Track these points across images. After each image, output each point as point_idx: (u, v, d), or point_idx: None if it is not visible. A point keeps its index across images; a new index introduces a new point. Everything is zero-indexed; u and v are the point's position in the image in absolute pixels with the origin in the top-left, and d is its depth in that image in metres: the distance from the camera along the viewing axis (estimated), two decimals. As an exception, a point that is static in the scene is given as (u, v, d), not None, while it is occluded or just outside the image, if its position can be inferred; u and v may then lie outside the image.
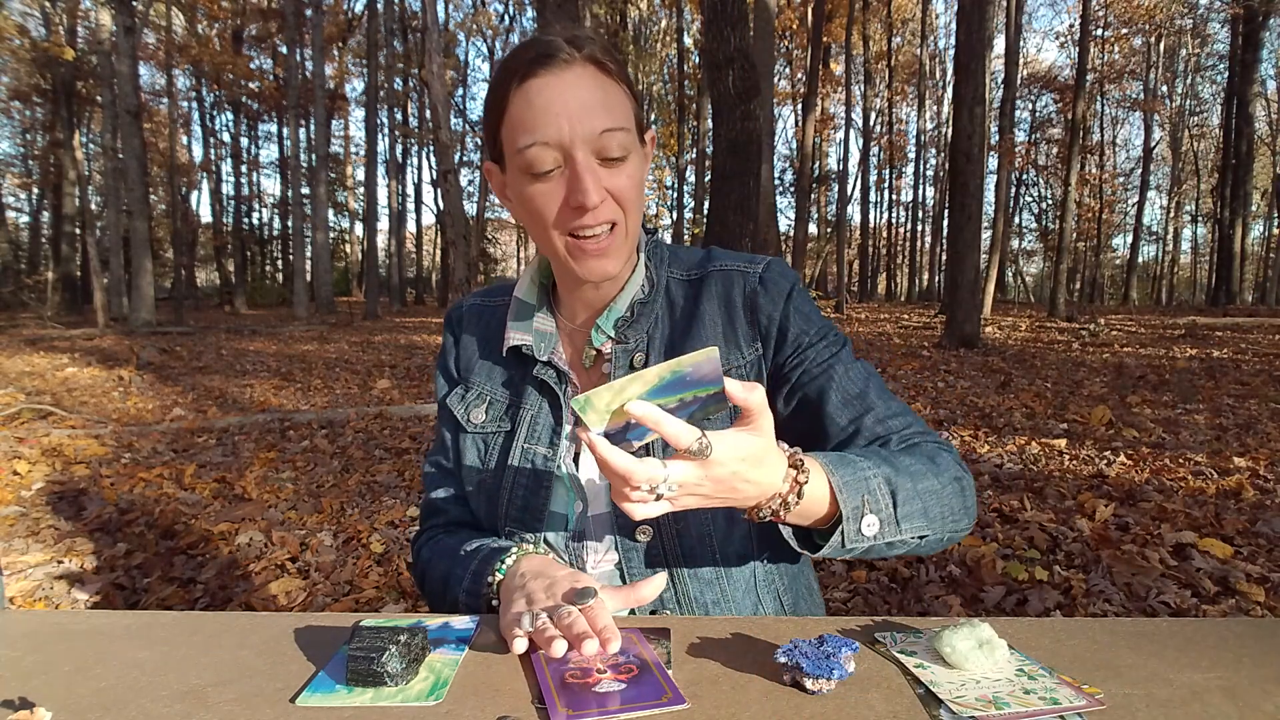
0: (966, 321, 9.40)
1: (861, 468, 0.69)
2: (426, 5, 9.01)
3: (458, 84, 31.45)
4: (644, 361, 0.84)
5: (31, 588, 2.42)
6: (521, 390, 0.88)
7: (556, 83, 0.73)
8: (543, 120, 0.72)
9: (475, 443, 0.89)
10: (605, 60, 0.76)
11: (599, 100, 0.74)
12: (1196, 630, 0.68)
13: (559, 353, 0.87)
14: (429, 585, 0.87)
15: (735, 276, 0.85)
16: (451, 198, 9.21)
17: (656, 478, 0.57)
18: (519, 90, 0.74)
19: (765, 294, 0.83)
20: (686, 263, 0.89)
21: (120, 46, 12.96)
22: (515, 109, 0.74)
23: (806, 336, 0.83)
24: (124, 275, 15.47)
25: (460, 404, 0.91)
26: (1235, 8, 17.97)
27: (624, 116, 0.76)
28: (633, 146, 0.77)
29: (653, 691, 0.56)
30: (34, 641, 0.67)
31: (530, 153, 0.73)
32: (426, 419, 5.30)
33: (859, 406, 0.80)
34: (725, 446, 0.58)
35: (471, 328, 0.94)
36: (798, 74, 27.78)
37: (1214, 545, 2.54)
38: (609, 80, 0.76)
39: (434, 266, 38.01)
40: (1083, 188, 26.01)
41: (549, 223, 0.77)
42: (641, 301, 0.86)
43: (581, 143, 0.73)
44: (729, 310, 0.84)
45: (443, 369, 0.96)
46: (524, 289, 0.91)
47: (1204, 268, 34.36)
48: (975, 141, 9.00)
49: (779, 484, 0.63)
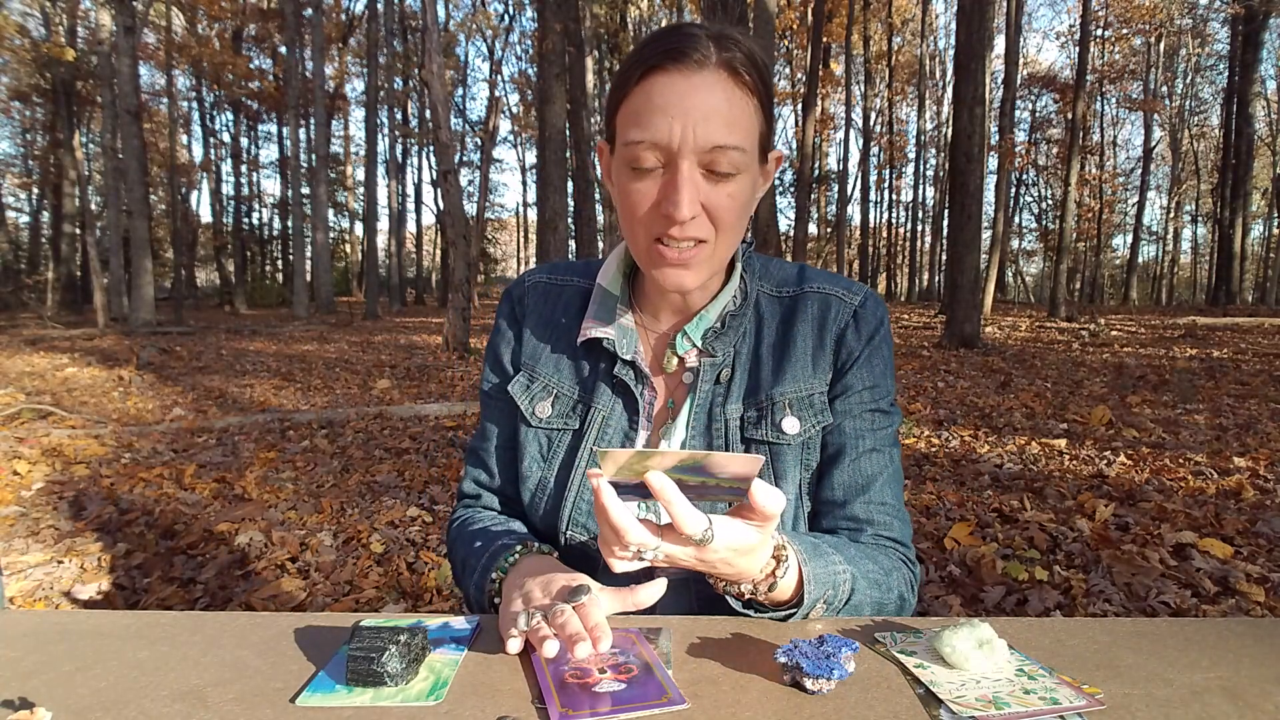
0: (966, 321, 9.40)
1: (832, 562, 0.70)
2: (426, 5, 9.00)
3: (458, 84, 31.47)
4: (729, 377, 0.81)
5: (31, 588, 2.42)
6: (594, 387, 0.84)
7: (682, 83, 0.69)
8: (657, 119, 0.69)
9: (539, 438, 0.85)
10: (742, 70, 0.71)
11: (722, 112, 0.69)
12: (1196, 630, 0.68)
13: (640, 353, 0.83)
14: (454, 564, 0.89)
15: (833, 302, 0.83)
16: (451, 198, 9.21)
17: (648, 545, 0.57)
18: (642, 81, 0.70)
19: (854, 330, 0.82)
20: (778, 278, 0.86)
21: (120, 46, 12.96)
22: (635, 99, 0.71)
23: (860, 399, 0.82)
24: (124, 275, 15.46)
25: (525, 395, 0.86)
26: (1235, 7, 17.96)
27: (746, 134, 0.71)
28: (747, 166, 0.72)
29: (653, 691, 0.56)
30: (34, 641, 0.67)
31: (636, 149, 0.70)
32: (426, 419, 5.30)
33: (861, 488, 0.81)
34: (725, 537, 0.58)
35: (537, 310, 0.89)
36: (798, 74, 27.77)
37: (1214, 545, 2.55)
38: (741, 92, 0.71)
39: (434, 266, 38.01)
40: (1083, 188, 26.01)
41: (638, 220, 0.74)
42: (733, 314, 0.83)
43: (690, 152, 0.69)
44: (820, 335, 0.82)
45: (496, 355, 0.91)
46: (609, 277, 0.86)
47: (1204, 268, 34.36)
48: (975, 141, 9.00)
49: (757, 574, 0.65)
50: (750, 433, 0.80)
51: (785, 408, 0.80)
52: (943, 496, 3.24)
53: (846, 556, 0.72)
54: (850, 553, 0.74)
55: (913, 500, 3.19)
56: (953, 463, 3.88)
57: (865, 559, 0.75)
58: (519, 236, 40.45)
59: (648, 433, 0.83)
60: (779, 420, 0.80)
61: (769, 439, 0.80)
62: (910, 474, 3.69)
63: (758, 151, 0.74)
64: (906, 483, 3.49)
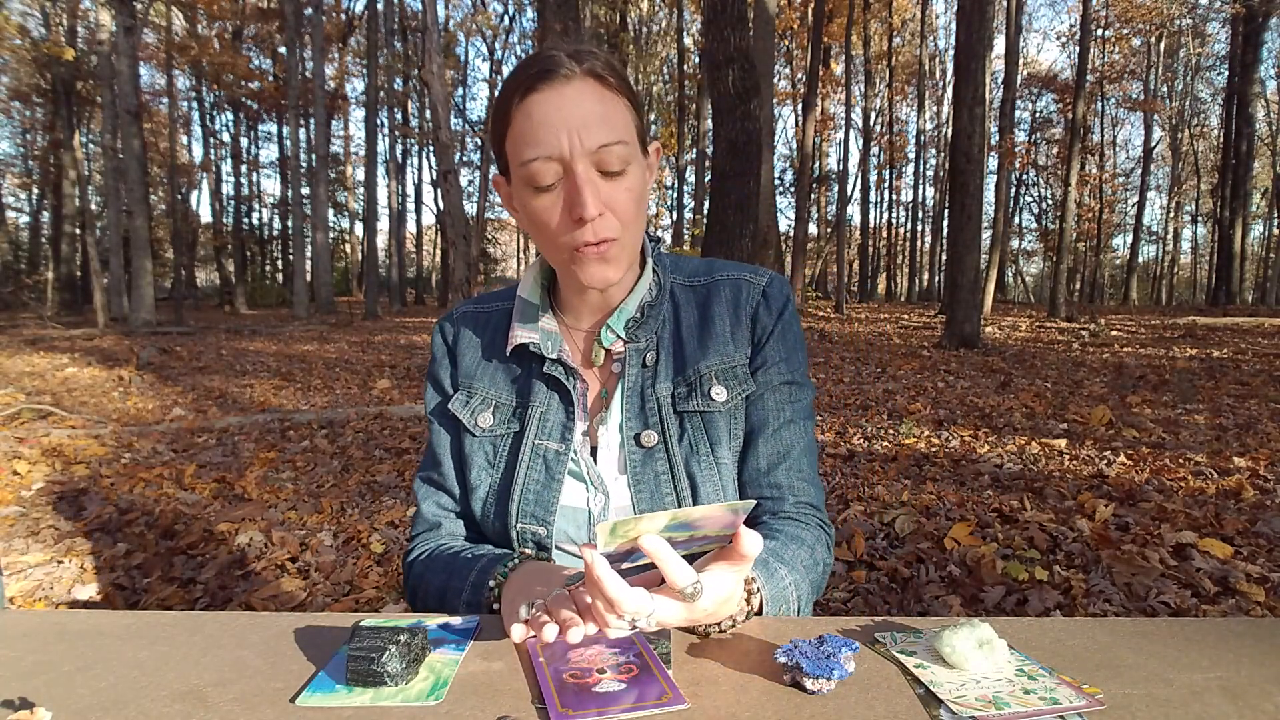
0: (966, 321, 9.40)
1: (780, 578, 0.75)
2: (426, 5, 9.00)
3: (458, 84, 31.46)
4: (655, 360, 0.87)
5: (31, 588, 2.42)
6: (529, 389, 0.89)
7: (556, 97, 0.74)
8: (543, 134, 0.74)
9: (483, 447, 0.90)
10: (606, 74, 0.77)
11: (598, 114, 0.75)
12: (1196, 630, 0.68)
13: (565, 351, 0.88)
14: (424, 598, 0.87)
15: (744, 285, 0.90)
16: (451, 198, 9.21)
17: (642, 611, 0.57)
18: (521, 105, 0.75)
19: (765, 307, 0.89)
20: (687, 270, 0.93)
21: (120, 46, 12.95)
22: (517, 124, 0.76)
23: (779, 371, 0.88)
24: (124, 275, 15.46)
25: (465, 409, 0.91)
26: (1235, 7, 17.96)
27: (624, 129, 0.77)
28: (633, 158, 0.78)
29: (653, 691, 0.56)
30: (34, 641, 0.67)
31: (532, 167, 0.75)
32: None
33: (782, 456, 0.87)
34: (712, 590, 0.60)
35: (468, 335, 0.94)
36: (798, 74, 27.77)
37: (1214, 545, 2.54)
38: (609, 94, 0.77)
39: (434, 266, 38.03)
40: (1083, 188, 26.01)
41: (552, 233, 0.78)
42: (650, 304, 0.88)
43: (580, 156, 0.74)
44: (736, 314, 0.89)
45: (434, 380, 0.95)
46: (528, 289, 0.92)
47: (1204, 268, 34.36)
48: (975, 142, 9.00)
49: (734, 610, 0.67)
50: (682, 405, 0.85)
51: (712, 378, 0.86)
52: (943, 496, 3.24)
53: (785, 561, 0.77)
54: (787, 554, 0.79)
55: (913, 500, 3.20)
56: (953, 463, 3.88)
57: (797, 547, 0.81)
58: (519, 236, 40.41)
59: (585, 423, 0.87)
60: (708, 390, 0.85)
61: (700, 408, 0.85)
62: (910, 474, 3.69)
63: (638, 145, 0.80)
64: (906, 482, 3.50)
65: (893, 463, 3.90)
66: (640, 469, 0.84)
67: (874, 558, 2.60)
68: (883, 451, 4.19)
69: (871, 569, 2.51)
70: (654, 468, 0.83)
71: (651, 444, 0.84)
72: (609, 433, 0.86)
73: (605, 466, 0.85)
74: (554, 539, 0.84)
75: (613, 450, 0.85)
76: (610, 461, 0.85)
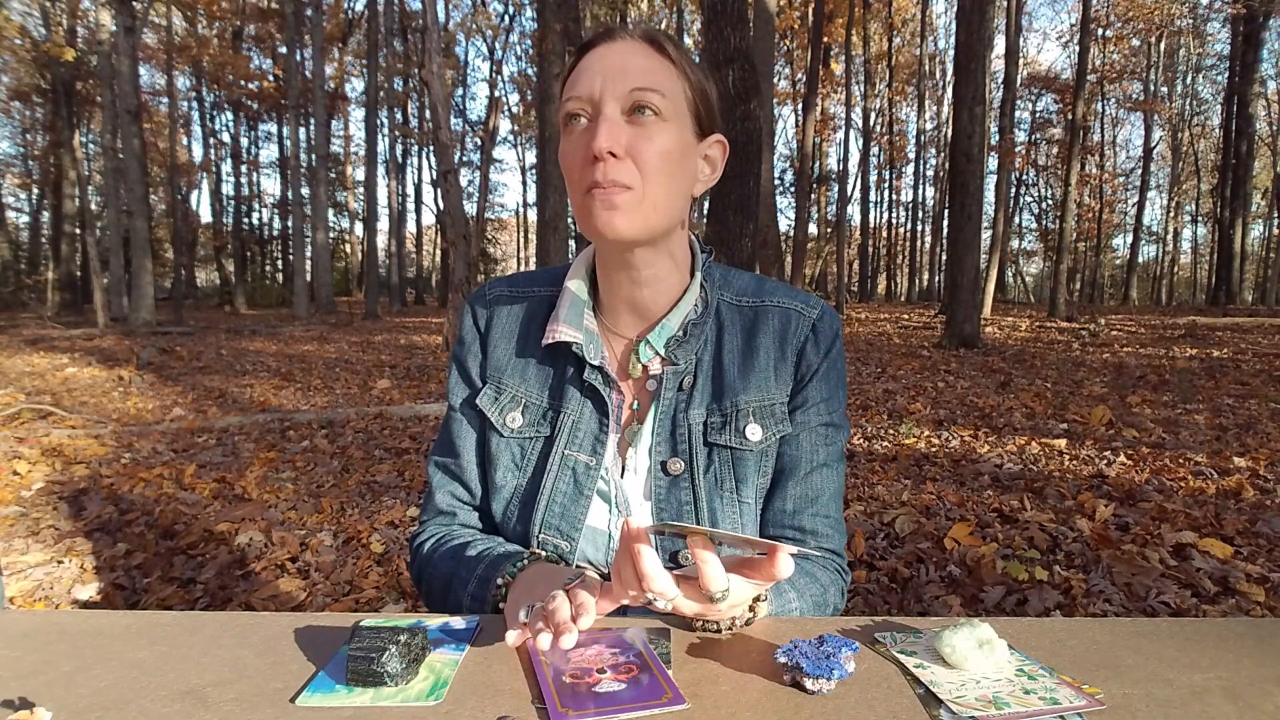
0: (966, 321, 9.40)
1: (788, 600, 0.76)
2: (426, 5, 9.00)
3: (458, 84, 31.47)
4: (691, 384, 0.83)
5: (31, 588, 2.42)
6: (562, 392, 0.85)
7: (606, 51, 0.76)
8: (583, 79, 0.75)
9: (510, 447, 0.85)
10: (663, 41, 0.77)
11: (640, 66, 0.75)
12: (1196, 630, 0.68)
13: (605, 358, 0.84)
14: (429, 583, 0.85)
15: (793, 316, 0.85)
16: (451, 198, 9.20)
17: (666, 594, 0.57)
18: (578, 61, 0.77)
19: (814, 343, 0.85)
20: (737, 287, 0.88)
21: (120, 46, 12.96)
22: (570, 76, 0.78)
23: (818, 411, 0.84)
24: (124, 275, 15.46)
25: (494, 406, 0.86)
26: (1235, 8, 17.96)
27: (665, 85, 0.75)
28: (672, 118, 0.76)
29: (653, 691, 0.56)
30: (34, 641, 0.67)
31: (566, 106, 0.76)
32: (426, 419, 5.30)
33: (811, 500, 0.85)
34: (734, 594, 0.60)
35: (501, 323, 0.89)
36: (798, 74, 27.78)
37: (1214, 545, 2.54)
38: (660, 58, 0.77)
39: (434, 266, 38.01)
40: (1083, 188, 26.01)
41: (574, 178, 0.76)
42: (694, 321, 0.84)
43: (611, 98, 0.73)
44: (782, 348, 0.84)
45: (462, 368, 0.90)
46: (576, 281, 0.86)
47: (1204, 268, 34.35)
48: (975, 142, 9.00)
49: (735, 614, 0.67)
50: (714, 438, 0.82)
51: (750, 415, 0.82)
52: (943, 496, 3.24)
53: (797, 589, 0.78)
54: (799, 583, 0.79)
55: (913, 500, 3.20)
56: (953, 463, 3.88)
57: (809, 581, 0.80)
58: (519, 236, 40.40)
59: (617, 435, 0.84)
60: (743, 427, 0.82)
61: (731, 444, 0.82)
62: (910, 474, 3.69)
63: (688, 115, 0.78)
64: (906, 482, 3.50)
65: (893, 463, 3.90)
66: (665, 497, 0.81)
67: (874, 558, 2.60)
68: (883, 451, 4.19)
69: (871, 569, 2.51)
70: (678, 496, 0.81)
71: (678, 472, 0.81)
72: (638, 456, 0.83)
73: (631, 490, 0.83)
74: (576, 556, 0.82)
75: (640, 475, 0.83)
76: (636, 486, 0.83)
